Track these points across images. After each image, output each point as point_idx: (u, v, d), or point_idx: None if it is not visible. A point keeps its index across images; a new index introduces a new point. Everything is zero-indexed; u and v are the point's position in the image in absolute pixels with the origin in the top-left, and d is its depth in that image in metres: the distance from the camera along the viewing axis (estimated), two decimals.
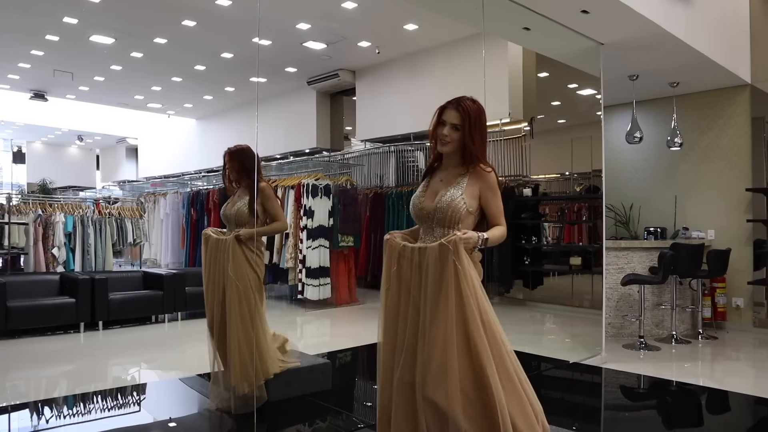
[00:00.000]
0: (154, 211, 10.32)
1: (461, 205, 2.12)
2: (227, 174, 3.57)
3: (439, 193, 2.17)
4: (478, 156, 2.16)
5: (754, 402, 4.07)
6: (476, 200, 2.16)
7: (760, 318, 6.33)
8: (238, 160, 3.52)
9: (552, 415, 3.72)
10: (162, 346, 5.77)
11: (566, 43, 4.96)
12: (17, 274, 6.90)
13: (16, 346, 5.29)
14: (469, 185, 2.16)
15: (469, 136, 2.14)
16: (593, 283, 7.07)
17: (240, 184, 3.57)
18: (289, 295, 8.06)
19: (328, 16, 7.07)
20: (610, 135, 6.65)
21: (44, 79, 9.99)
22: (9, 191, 13.48)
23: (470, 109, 2.16)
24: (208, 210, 8.94)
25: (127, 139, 15.89)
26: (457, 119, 2.15)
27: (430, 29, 7.58)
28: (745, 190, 6.33)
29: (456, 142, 2.17)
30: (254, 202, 3.41)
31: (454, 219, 2.12)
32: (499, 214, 2.19)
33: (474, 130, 2.15)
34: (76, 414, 3.41)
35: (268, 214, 3.51)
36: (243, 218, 3.44)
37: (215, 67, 9.23)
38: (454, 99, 2.21)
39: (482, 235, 2.07)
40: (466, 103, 2.18)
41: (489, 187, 2.16)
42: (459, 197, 2.13)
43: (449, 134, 2.16)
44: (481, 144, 2.18)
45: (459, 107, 2.17)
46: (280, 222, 3.57)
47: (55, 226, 7.16)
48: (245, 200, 3.46)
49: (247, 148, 3.57)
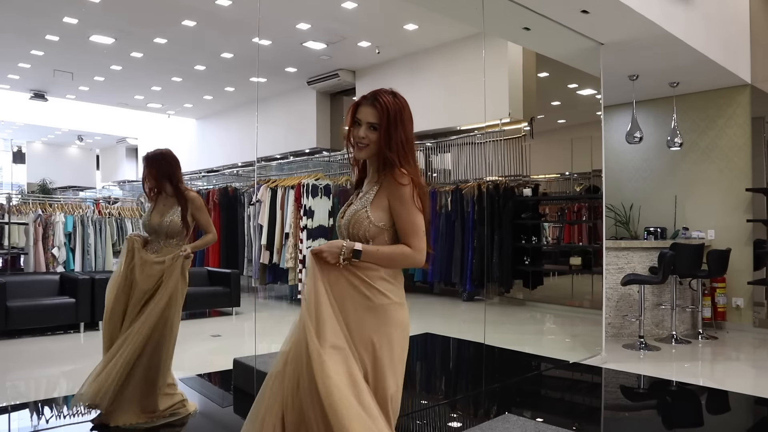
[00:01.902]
0: None
1: (364, 221, 1.81)
2: (145, 181, 3.37)
3: (349, 208, 1.90)
4: (396, 160, 1.81)
5: (754, 402, 4.08)
6: (388, 213, 1.83)
7: (760, 318, 6.33)
8: (155, 166, 3.32)
9: (552, 415, 3.73)
10: None
11: (566, 43, 4.96)
12: (17, 274, 6.90)
13: (16, 346, 5.28)
14: (378, 196, 1.83)
15: (385, 137, 1.81)
16: (593, 283, 7.07)
17: (160, 192, 3.37)
18: (289, 295, 8.06)
19: (328, 16, 7.07)
20: (610, 135, 6.65)
21: (44, 79, 9.98)
22: (9, 191, 13.47)
23: (389, 104, 1.82)
24: (208, 210, 8.93)
25: (127, 139, 15.88)
26: (374, 117, 1.82)
27: (430, 29, 7.58)
28: (745, 190, 6.33)
29: (375, 145, 1.83)
30: (186, 212, 3.29)
31: (360, 237, 1.81)
32: (411, 231, 1.81)
33: (393, 129, 1.81)
34: (76, 414, 3.41)
35: (200, 226, 3.39)
36: (175, 230, 3.28)
37: (215, 67, 9.23)
38: (370, 93, 1.86)
39: (345, 247, 1.76)
40: (384, 97, 1.83)
41: (396, 197, 1.80)
42: (362, 211, 1.83)
43: (366, 135, 1.83)
44: (402, 146, 1.82)
45: (376, 102, 1.83)
46: (211, 234, 3.46)
47: (55, 226, 7.16)
48: (176, 210, 3.29)
49: (166, 152, 3.38)
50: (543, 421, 3.30)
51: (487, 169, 8.17)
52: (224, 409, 3.80)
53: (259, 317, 6.32)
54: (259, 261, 7.61)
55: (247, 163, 10.47)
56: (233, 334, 6.28)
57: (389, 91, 1.87)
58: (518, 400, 4.11)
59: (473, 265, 7.48)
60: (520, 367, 5.08)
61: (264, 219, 7.57)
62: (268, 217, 7.56)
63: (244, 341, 5.68)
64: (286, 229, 7.44)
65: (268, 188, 7.65)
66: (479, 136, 8.19)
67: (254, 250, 7.78)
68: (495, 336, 5.47)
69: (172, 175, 3.35)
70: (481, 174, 8.13)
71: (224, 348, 5.42)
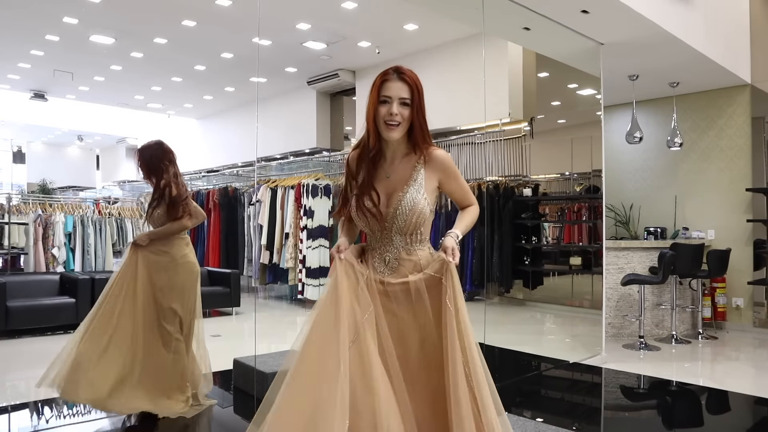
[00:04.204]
0: None
1: (425, 208, 1.75)
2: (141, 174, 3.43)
3: (395, 195, 1.76)
4: (427, 136, 1.77)
5: (754, 402, 4.08)
6: (435, 193, 1.81)
7: (760, 318, 6.33)
8: (145, 159, 3.36)
9: (552, 414, 3.73)
10: None
11: (566, 43, 4.96)
12: (17, 274, 6.90)
13: (16, 346, 5.28)
14: (428, 178, 1.77)
15: (419, 111, 1.74)
16: (593, 283, 7.07)
17: (151, 183, 3.40)
18: (289, 295, 8.06)
19: (328, 16, 7.07)
20: (610, 135, 6.65)
21: (44, 79, 9.98)
22: (9, 191, 13.47)
23: (415, 78, 1.75)
24: (208, 210, 8.93)
25: (127, 139, 15.87)
26: (406, 92, 1.72)
27: (430, 29, 7.58)
28: (745, 190, 6.33)
29: (407, 122, 1.74)
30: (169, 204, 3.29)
31: (418, 224, 1.76)
32: (467, 193, 1.84)
33: (423, 102, 1.75)
34: (76, 414, 3.41)
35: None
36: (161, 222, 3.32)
37: (215, 67, 9.23)
38: (392, 69, 1.76)
39: (455, 235, 1.75)
40: (408, 72, 1.76)
41: (449, 173, 1.79)
42: (422, 198, 1.74)
43: (399, 113, 1.72)
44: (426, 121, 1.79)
45: (404, 76, 1.74)
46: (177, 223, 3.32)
47: (55, 226, 7.16)
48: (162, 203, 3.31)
49: (155, 144, 3.39)
50: (543, 421, 3.30)
51: (487, 169, 8.17)
52: (224, 409, 3.80)
53: (259, 317, 6.31)
54: (259, 261, 7.61)
55: (247, 163, 10.47)
56: (233, 334, 6.27)
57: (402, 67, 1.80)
58: (518, 400, 4.11)
59: (473, 265, 7.47)
60: (520, 367, 5.09)
61: (264, 219, 7.57)
62: (268, 217, 7.56)
63: (244, 341, 5.68)
64: (286, 229, 7.44)
65: (268, 188, 7.65)
66: (479, 136, 8.19)
67: (254, 250, 7.79)
68: (495, 336, 5.47)
69: (159, 167, 3.35)
70: (481, 174, 8.13)
71: (224, 348, 5.41)
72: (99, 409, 3.12)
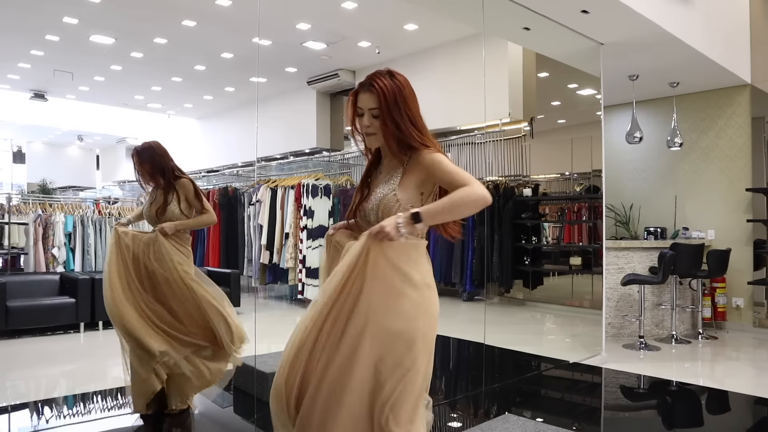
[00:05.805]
0: None
1: (393, 204, 1.76)
2: (139, 176, 3.40)
3: (373, 193, 1.85)
4: (414, 141, 1.76)
5: (754, 402, 4.08)
6: (418, 189, 1.79)
7: (760, 318, 6.33)
8: (147, 160, 3.35)
9: (552, 415, 3.73)
10: None
11: (566, 43, 4.96)
12: (17, 274, 6.89)
13: (16, 346, 5.29)
14: (406, 176, 1.78)
15: (390, 121, 1.75)
16: (593, 283, 7.07)
17: (156, 184, 3.41)
18: (289, 295, 8.06)
19: (328, 16, 7.07)
20: (610, 135, 6.65)
21: (44, 79, 9.98)
22: (9, 191, 13.47)
23: (385, 87, 1.75)
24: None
25: (127, 139, 15.86)
26: (373, 103, 1.76)
27: (430, 29, 7.58)
28: (745, 190, 6.33)
29: (381, 131, 1.79)
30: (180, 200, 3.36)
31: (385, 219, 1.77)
32: (458, 177, 1.70)
33: (395, 111, 1.75)
34: (76, 414, 3.41)
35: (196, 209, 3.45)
36: (174, 219, 3.35)
37: (215, 67, 9.23)
38: (366, 78, 1.79)
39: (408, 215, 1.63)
40: (379, 81, 1.76)
41: (433, 168, 1.74)
42: (390, 194, 1.77)
43: (371, 123, 1.78)
44: (413, 125, 1.77)
45: (372, 87, 1.76)
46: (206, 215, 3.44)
47: (55, 226, 7.16)
48: (172, 199, 3.36)
49: (155, 144, 3.40)
50: (543, 421, 3.30)
51: (487, 169, 8.17)
52: (224, 409, 3.80)
53: (259, 317, 6.29)
54: (259, 261, 7.61)
55: (247, 163, 10.47)
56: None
57: (385, 71, 1.80)
58: (518, 400, 4.11)
59: (473, 265, 7.48)
60: (520, 367, 5.09)
61: (264, 219, 7.57)
62: (268, 217, 7.56)
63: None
64: (286, 229, 7.44)
65: (268, 188, 7.65)
66: (479, 136, 8.19)
67: (254, 250, 7.79)
68: (495, 336, 5.47)
69: (164, 166, 3.37)
70: (481, 174, 8.14)
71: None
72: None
